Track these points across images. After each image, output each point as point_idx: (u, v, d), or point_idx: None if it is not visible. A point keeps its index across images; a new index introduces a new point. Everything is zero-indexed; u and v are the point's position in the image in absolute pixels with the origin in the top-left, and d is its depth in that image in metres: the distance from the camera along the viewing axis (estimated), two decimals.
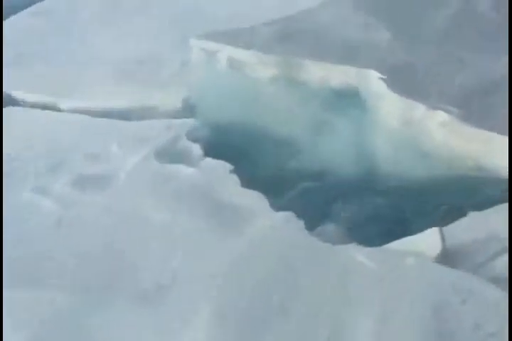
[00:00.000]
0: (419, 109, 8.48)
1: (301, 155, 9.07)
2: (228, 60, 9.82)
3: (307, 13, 10.46)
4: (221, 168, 8.59)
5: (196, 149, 9.03)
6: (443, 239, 7.25)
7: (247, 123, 9.46)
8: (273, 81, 9.50)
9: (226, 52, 9.87)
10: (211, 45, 10.03)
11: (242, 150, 9.29)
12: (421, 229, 7.53)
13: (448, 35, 9.69)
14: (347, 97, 9.07)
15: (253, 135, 9.38)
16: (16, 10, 13.08)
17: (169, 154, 8.91)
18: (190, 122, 9.62)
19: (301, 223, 7.75)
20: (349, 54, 9.37)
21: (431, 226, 7.46)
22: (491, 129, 7.99)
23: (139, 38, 11.68)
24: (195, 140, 9.23)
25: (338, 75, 9.18)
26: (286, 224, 7.75)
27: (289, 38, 9.85)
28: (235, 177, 8.42)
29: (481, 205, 7.79)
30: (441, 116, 8.31)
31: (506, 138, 7.83)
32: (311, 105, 9.27)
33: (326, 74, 9.25)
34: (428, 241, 7.30)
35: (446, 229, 7.46)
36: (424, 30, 9.81)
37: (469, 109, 8.27)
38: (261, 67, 9.57)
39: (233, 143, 9.34)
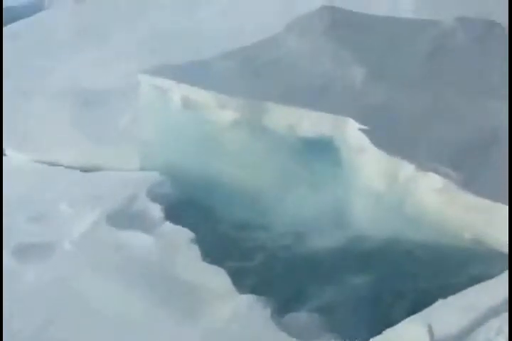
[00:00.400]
0: (407, 169, 7.19)
1: (269, 217, 7.89)
2: (182, 100, 8.56)
3: (270, 42, 9.20)
4: (181, 236, 7.60)
5: (155, 209, 8.05)
6: (431, 334, 6.10)
7: (208, 176, 8.35)
8: (234, 126, 8.28)
9: (180, 90, 8.60)
10: (163, 82, 8.74)
11: (205, 208, 8.20)
12: (405, 313, 6.46)
13: (430, 73, 8.42)
14: (320, 148, 7.85)
15: (216, 190, 8.28)
16: (15, 20, 13.09)
17: (125, 216, 7.94)
18: (149, 176, 8.61)
19: (267, 310, 6.65)
20: (320, 96, 8.13)
21: (415, 309, 6.36)
22: (492, 196, 6.73)
23: (104, 67, 10.74)
24: (154, 197, 8.26)
25: (309, 122, 7.93)
26: (249, 311, 6.67)
27: (251, 74, 8.59)
28: (195, 249, 7.41)
29: (471, 283, 6.60)
30: (433, 179, 7.01)
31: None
32: (279, 156, 8.07)
33: (294, 120, 8.01)
34: (415, 336, 6.14)
35: (431, 309, 6.34)
36: (403, 66, 8.54)
37: (465, 169, 7.00)
38: (220, 110, 8.31)
39: (195, 200, 8.29)
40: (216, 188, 8.21)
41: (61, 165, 9.10)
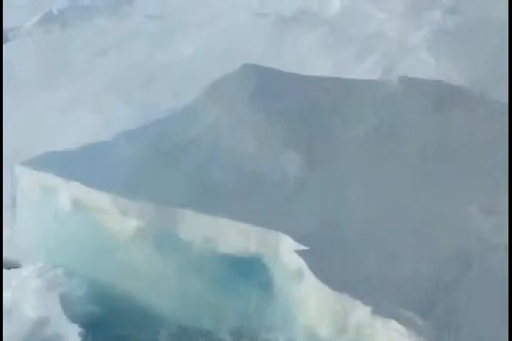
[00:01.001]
0: (360, 312, 5.53)
1: None
2: (72, 201, 6.85)
3: (185, 115, 7.54)
4: None
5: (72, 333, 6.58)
6: None
7: (114, 295, 6.80)
8: (139, 236, 6.61)
9: (69, 190, 6.88)
10: (48, 179, 6.99)
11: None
12: None
13: (376, 159, 6.91)
14: (246, 268, 6.24)
15: (126, 311, 6.78)
16: None
17: None
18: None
19: None
20: (247, 198, 6.52)
21: None
22: None
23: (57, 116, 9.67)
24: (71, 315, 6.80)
25: (232, 235, 6.31)
26: None
27: (160, 165, 6.93)
28: None
29: None
30: (394, 328, 5.37)
31: None
32: (195, 277, 6.44)
33: (214, 232, 6.40)
34: None
35: None
36: (343, 148, 7.02)
37: (430, 312, 5.41)
38: (120, 216, 6.63)
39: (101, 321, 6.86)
40: (125, 309, 6.86)
41: None
